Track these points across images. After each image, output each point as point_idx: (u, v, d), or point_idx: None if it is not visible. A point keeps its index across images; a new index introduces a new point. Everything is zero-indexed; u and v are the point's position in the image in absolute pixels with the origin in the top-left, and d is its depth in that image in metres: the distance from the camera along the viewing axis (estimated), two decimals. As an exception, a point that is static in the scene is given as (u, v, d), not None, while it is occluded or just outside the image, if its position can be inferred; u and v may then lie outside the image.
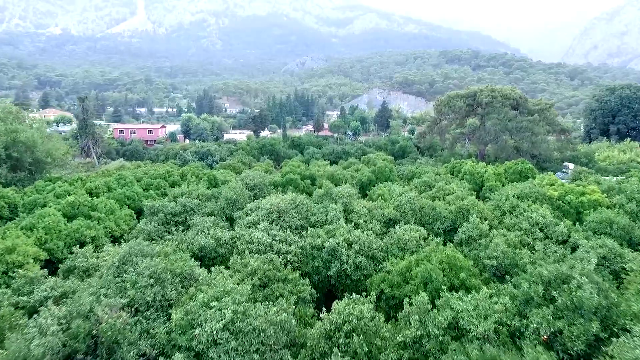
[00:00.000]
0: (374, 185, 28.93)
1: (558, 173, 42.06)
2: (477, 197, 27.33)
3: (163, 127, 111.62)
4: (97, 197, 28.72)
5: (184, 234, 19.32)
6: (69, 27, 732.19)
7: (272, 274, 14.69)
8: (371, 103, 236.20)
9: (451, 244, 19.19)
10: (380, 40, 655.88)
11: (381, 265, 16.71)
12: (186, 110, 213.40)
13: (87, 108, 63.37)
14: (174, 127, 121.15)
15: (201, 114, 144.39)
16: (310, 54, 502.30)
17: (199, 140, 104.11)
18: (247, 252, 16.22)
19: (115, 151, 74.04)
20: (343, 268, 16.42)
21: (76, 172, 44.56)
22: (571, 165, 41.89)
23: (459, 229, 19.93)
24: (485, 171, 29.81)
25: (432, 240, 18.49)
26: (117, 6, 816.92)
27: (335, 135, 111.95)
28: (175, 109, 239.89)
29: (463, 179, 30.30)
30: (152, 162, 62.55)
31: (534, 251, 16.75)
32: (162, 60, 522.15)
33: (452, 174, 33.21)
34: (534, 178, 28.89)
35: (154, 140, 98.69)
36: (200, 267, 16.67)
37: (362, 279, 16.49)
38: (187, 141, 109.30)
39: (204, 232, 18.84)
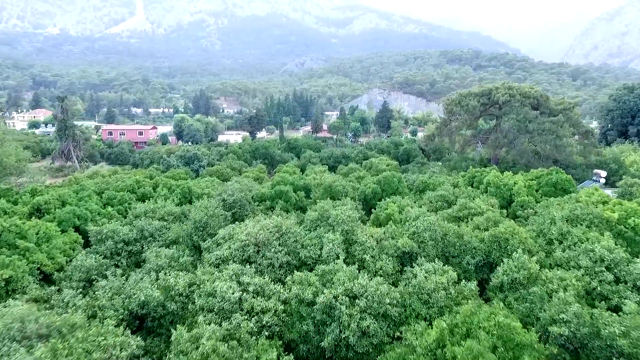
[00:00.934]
0: (380, 200, 23.96)
1: (587, 182, 37.07)
2: (507, 216, 22.35)
3: (154, 128, 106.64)
4: (48, 214, 23.74)
5: (127, 277, 14.29)
6: (68, 28, 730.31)
7: (234, 356, 9.68)
8: (371, 103, 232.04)
9: (493, 294, 14.12)
10: (380, 40, 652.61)
11: (398, 333, 11.67)
12: (183, 110, 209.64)
13: (67, 108, 58.27)
14: (167, 128, 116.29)
15: (200, 115, 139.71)
16: (309, 54, 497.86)
17: (191, 142, 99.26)
18: (202, 317, 11.15)
19: (100, 154, 68.92)
20: (343, 335, 11.42)
21: (39, 179, 39.51)
22: (603, 173, 36.93)
23: (498, 268, 14.92)
24: (515, 183, 24.76)
25: (465, 286, 13.47)
26: (116, 6, 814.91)
27: (335, 136, 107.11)
28: (171, 110, 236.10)
29: (486, 192, 25.28)
30: (136, 166, 57.60)
31: (621, 313, 11.64)
32: (160, 60, 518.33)
33: (472, 185, 28.20)
34: (574, 192, 23.91)
35: (145, 142, 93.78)
36: (139, 332, 11.63)
37: (371, 351, 11.49)
38: (180, 143, 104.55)
39: (151, 275, 13.79)
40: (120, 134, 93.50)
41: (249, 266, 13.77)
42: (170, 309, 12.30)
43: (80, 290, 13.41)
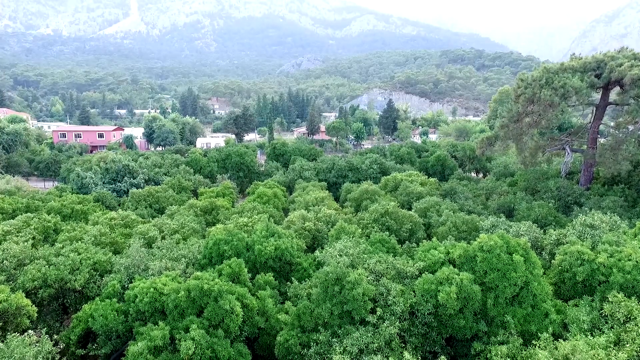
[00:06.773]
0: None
1: None
2: None
3: (119, 129, 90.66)
4: None
5: None
6: (60, 29, 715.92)
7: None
8: (372, 104, 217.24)
9: None
10: (378, 42, 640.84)
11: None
12: (170, 111, 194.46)
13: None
14: (140, 130, 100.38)
15: (186, 116, 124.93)
16: (306, 55, 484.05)
17: (163, 146, 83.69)
18: None
19: (29, 161, 52.88)
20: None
21: None
22: None
23: None
24: None
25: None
26: (110, 7, 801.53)
27: (334, 139, 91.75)
28: (158, 110, 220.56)
29: None
30: (62, 181, 41.71)
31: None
32: (153, 61, 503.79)
33: None
34: None
35: (104, 146, 77.70)
36: None
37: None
38: (151, 147, 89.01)
39: None
40: (75, 136, 77.47)
41: None
42: None
43: None
